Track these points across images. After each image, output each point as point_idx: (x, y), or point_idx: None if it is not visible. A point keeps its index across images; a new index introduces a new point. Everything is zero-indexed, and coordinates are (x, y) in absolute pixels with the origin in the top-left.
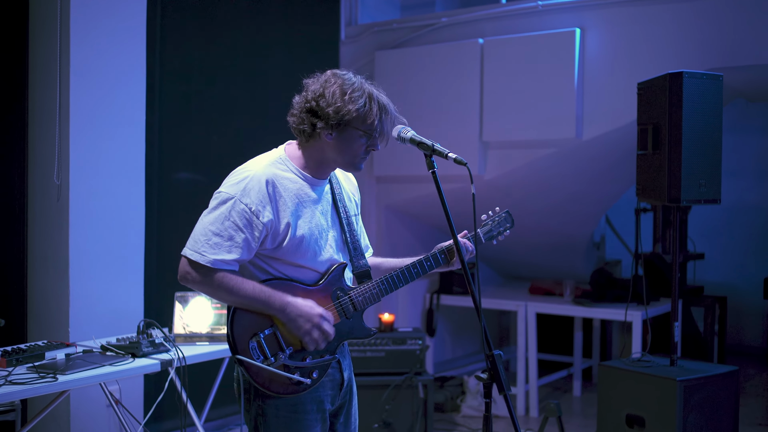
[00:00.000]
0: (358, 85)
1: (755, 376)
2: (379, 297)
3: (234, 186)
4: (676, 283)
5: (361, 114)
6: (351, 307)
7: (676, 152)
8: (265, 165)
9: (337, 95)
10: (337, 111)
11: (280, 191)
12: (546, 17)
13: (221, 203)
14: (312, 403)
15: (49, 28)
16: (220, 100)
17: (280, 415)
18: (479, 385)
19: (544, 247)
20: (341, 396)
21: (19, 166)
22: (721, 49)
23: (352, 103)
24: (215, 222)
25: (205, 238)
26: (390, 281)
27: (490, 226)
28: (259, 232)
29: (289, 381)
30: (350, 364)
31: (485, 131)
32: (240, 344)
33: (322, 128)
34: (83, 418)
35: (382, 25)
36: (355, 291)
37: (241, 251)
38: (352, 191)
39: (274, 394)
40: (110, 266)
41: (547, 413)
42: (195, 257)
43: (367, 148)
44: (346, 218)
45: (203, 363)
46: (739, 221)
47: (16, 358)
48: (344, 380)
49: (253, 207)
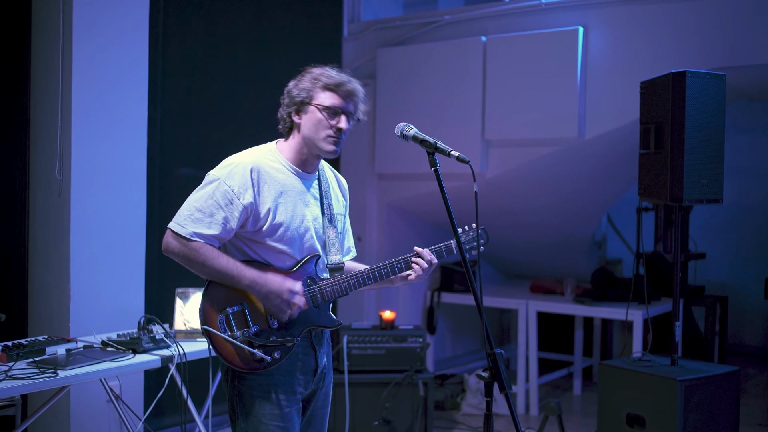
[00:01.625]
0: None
1: (756, 376)
2: (347, 291)
3: (222, 169)
4: (678, 282)
5: (312, 89)
6: (319, 296)
7: (679, 151)
8: (254, 154)
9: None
10: (295, 93)
11: (264, 178)
12: (549, 15)
13: (208, 183)
14: (285, 386)
15: (51, 23)
16: (222, 96)
17: (254, 394)
18: (479, 383)
19: (546, 246)
20: (314, 382)
21: (21, 161)
22: (724, 48)
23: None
24: (200, 199)
25: (188, 212)
26: (360, 277)
27: (464, 239)
28: (238, 212)
29: (252, 357)
30: (328, 353)
31: (487, 129)
32: (209, 316)
33: (293, 114)
34: (83, 414)
35: (385, 22)
36: (325, 282)
37: (220, 228)
38: (342, 193)
39: (239, 369)
40: (111, 262)
41: (548, 412)
42: (177, 229)
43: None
44: (329, 214)
45: (204, 359)
46: (741, 221)
47: (16, 353)
48: (318, 367)
49: (235, 189)
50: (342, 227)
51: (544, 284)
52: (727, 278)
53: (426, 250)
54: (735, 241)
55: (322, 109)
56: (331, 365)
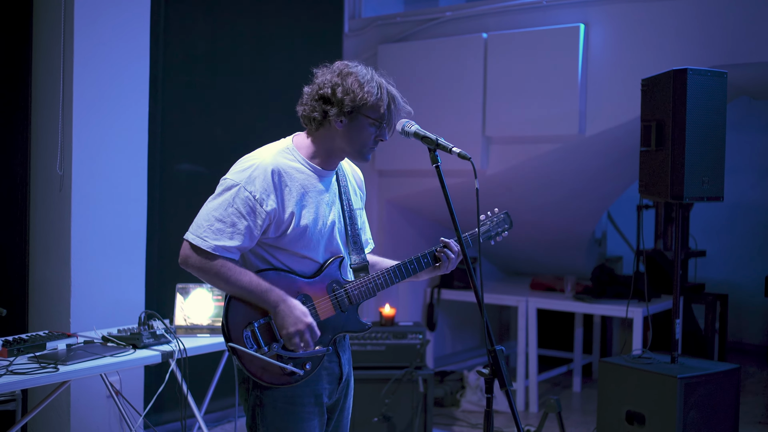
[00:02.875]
0: (371, 76)
1: (756, 374)
2: (375, 291)
3: (240, 173)
4: (678, 280)
5: (374, 103)
6: (346, 300)
7: (680, 149)
8: (272, 154)
9: (356, 85)
10: (353, 99)
11: (285, 180)
12: (550, 12)
13: (226, 190)
14: (309, 396)
15: (53, 17)
16: (223, 92)
17: (278, 406)
18: (479, 379)
19: (546, 243)
20: (338, 390)
21: (22, 156)
22: (726, 46)
23: (368, 93)
24: (219, 208)
25: (208, 223)
26: (387, 276)
27: (489, 226)
28: (261, 220)
29: (282, 371)
30: (350, 359)
31: (488, 126)
32: (234, 333)
33: (335, 115)
34: (83, 409)
35: (386, 19)
36: (351, 284)
37: (243, 238)
38: (358, 185)
39: (267, 384)
40: (112, 257)
41: (547, 409)
42: (197, 242)
43: (376, 138)
44: (349, 211)
45: (204, 355)
46: (741, 219)
47: (17, 348)
48: (343, 375)
49: (257, 195)
50: (361, 222)
51: (544, 281)
52: (727, 276)
53: (453, 241)
54: (735, 239)
55: (372, 122)
56: (351, 372)
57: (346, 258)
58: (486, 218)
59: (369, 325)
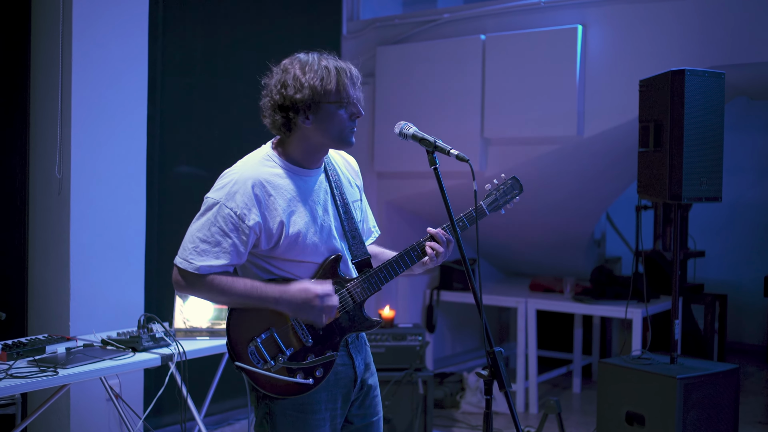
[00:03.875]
0: (313, 60)
1: (755, 374)
2: (378, 286)
3: (219, 191)
4: (677, 280)
5: (327, 86)
6: (350, 299)
7: (678, 150)
8: (252, 165)
9: (299, 78)
10: (304, 93)
11: (268, 190)
12: (548, 14)
13: (208, 209)
14: (320, 403)
15: (51, 20)
16: (222, 94)
17: (287, 414)
18: (479, 381)
19: (545, 244)
20: (355, 392)
21: (21, 159)
22: (723, 46)
23: (314, 80)
24: (202, 228)
25: (192, 245)
26: (390, 268)
27: (495, 195)
28: (246, 236)
29: (293, 383)
30: (366, 355)
31: (486, 128)
32: (238, 350)
33: (297, 117)
34: (83, 412)
35: (384, 21)
36: (353, 283)
37: (230, 257)
38: (351, 176)
39: (280, 396)
40: (111, 260)
41: (547, 410)
42: (184, 265)
43: (351, 117)
44: (343, 206)
45: (203, 358)
46: (740, 219)
47: (16, 352)
48: (357, 377)
49: (239, 211)
50: (360, 214)
51: (544, 282)
52: (726, 276)
53: (439, 231)
54: (734, 239)
55: (335, 105)
56: (373, 367)
57: (346, 255)
58: (492, 186)
59: (378, 320)
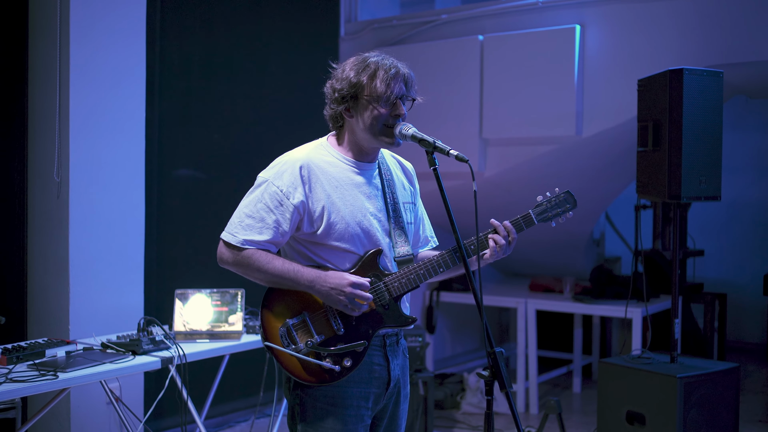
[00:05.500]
0: (362, 58)
1: (755, 372)
2: (417, 283)
3: (270, 170)
4: (676, 279)
5: (362, 81)
6: (386, 293)
7: (677, 149)
8: (304, 151)
9: (345, 71)
10: (343, 85)
11: (316, 174)
12: (546, 14)
13: (257, 186)
14: (352, 398)
15: (49, 24)
16: (220, 97)
17: (318, 405)
18: (479, 382)
19: (544, 244)
20: (386, 396)
21: (19, 163)
22: (722, 45)
23: (352, 73)
24: (249, 204)
25: (239, 219)
26: (430, 266)
27: (546, 206)
28: (290, 213)
29: (320, 368)
30: (403, 365)
31: (485, 128)
32: (270, 331)
33: (342, 110)
34: (83, 416)
35: (382, 22)
36: (391, 276)
37: (272, 233)
38: (407, 180)
39: (306, 382)
40: (110, 263)
41: (548, 410)
42: (228, 238)
43: (392, 114)
44: (392, 204)
45: (204, 360)
46: (739, 218)
47: (16, 356)
48: (391, 380)
49: (284, 189)
50: (412, 216)
51: (543, 282)
52: (725, 275)
53: (506, 223)
54: (733, 238)
55: (373, 100)
56: (407, 381)
57: (388, 250)
58: (543, 198)
59: (413, 318)
